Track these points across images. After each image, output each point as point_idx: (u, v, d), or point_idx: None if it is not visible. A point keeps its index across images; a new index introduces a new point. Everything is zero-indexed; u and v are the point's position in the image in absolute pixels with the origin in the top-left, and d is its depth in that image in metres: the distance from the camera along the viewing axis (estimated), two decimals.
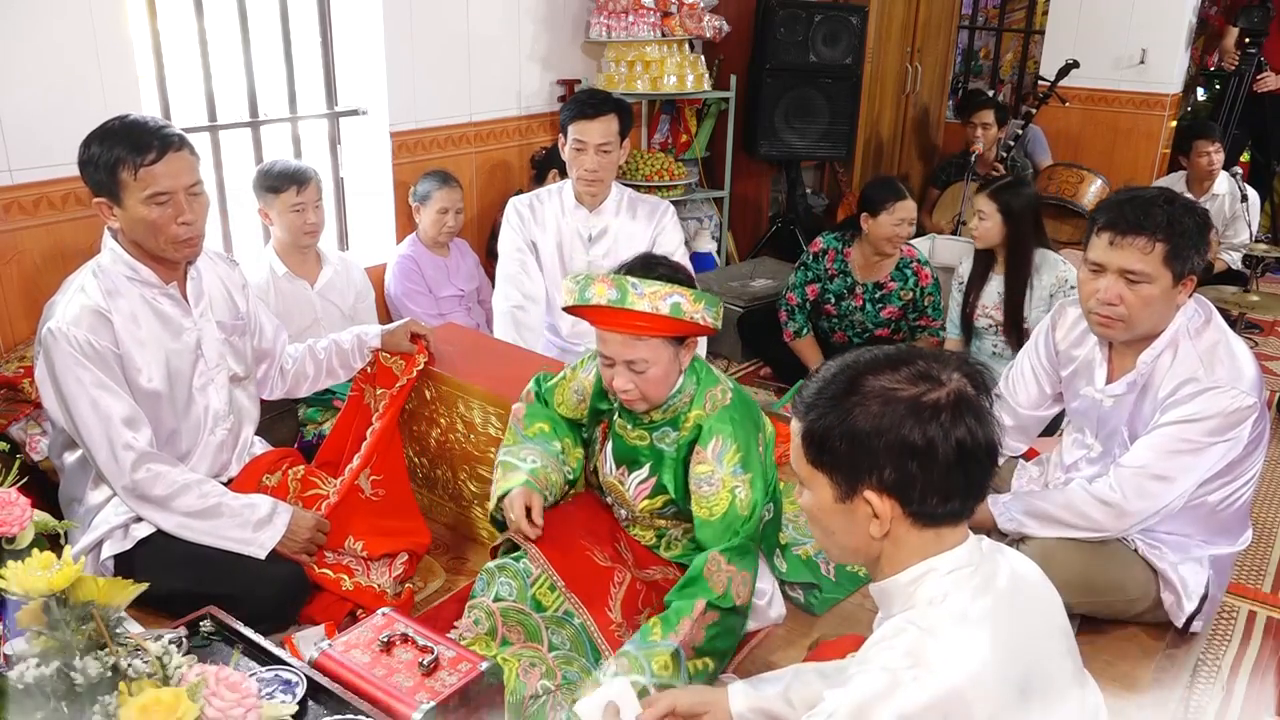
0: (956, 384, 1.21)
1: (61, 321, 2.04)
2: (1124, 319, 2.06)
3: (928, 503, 1.21)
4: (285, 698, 1.56)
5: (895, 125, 5.55)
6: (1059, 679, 1.27)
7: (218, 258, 2.41)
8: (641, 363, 1.91)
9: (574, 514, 2.18)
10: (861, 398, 1.21)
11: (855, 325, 3.63)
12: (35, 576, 1.20)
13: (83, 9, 2.74)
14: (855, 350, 1.30)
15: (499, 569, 2.04)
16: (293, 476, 2.37)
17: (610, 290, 1.87)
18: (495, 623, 1.94)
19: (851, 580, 2.51)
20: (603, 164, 3.02)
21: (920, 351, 1.27)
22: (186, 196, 2.08)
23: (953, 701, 1.15)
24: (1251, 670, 2.31)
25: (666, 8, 4.33)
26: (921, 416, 1.18)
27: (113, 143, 2.02)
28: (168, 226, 2.07)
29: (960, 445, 1.18)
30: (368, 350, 2.60)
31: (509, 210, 3.19)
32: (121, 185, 2.03)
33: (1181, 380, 2.04)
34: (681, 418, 2.05)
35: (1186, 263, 2.00)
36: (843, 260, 3.61)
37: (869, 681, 1.19)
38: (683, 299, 1.86)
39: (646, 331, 1.89)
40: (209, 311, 2.28)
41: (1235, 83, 5.32)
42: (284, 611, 2.19)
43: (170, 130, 2.08)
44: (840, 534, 1.29)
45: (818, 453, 1.25)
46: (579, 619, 2.00)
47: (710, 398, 2.05)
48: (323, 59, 3.63)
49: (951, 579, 1.23)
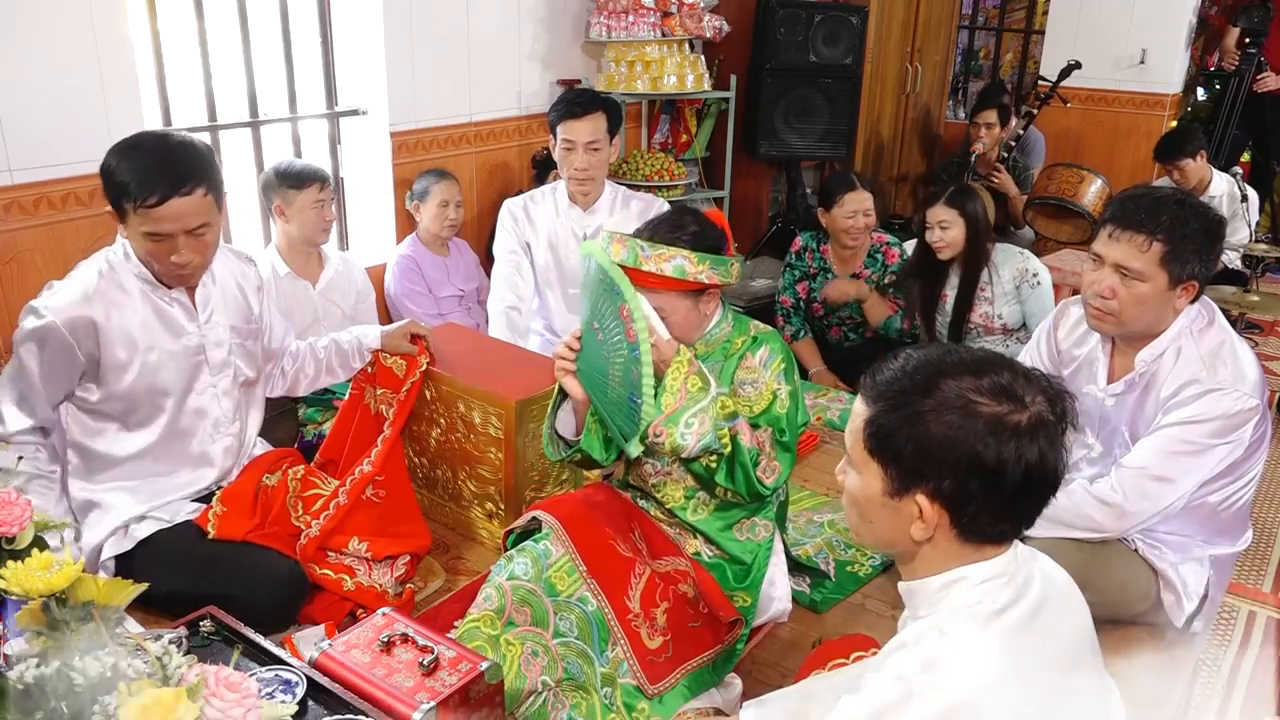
0: (1039, 407, 1.16)
1: (45, 302, 2.07)
2: (1115, 314, 2.06)
3: (979, 521, 1.18)
4: (285, 698, 1.56)
5: (895, 125, 5.55)
6: (1082, 690, 1.25)
7: (234, 255, 2.39)
8: (661, 310, 2.00)
9: (595, 502, 2.19)
10: (938, 402, 1.16)
11: (845, 320, 3.64)
12: (35, 576, 1.20)
13: (83, 9, 2.74)
14: (936, 345, 1.26)
15: (518, 551, 2.06)
16: (293, 476, 2.37)
17: (623, 251, 1.98)
18: (505, 601, 1.95)
19: (852, 580, 2.52)
20: (592, 162, 3.05)
21: (1007, 362, 1.21)
22: (187, 238, 2.05)
23: (964, 712, 1.12)
24: (1251, 670, 2.31)
25: (666, 8, 4.33)
26: (999, 437, 1.13)
27: (127, 170, 1.99)
28: (163, 260, 2.08)
29: (1029, 472, 1.14)
30: (367, 351, 2.60)
31: (503, 213, 3.22)
32: (124, 212, 2.04)
33: (1184, 381, 2.03)
34: (729, 343, 2.14)
35: (1186, 266, 1.98)
36: (821, 256, 3.65)
37: (883, 691, 1.17)
38: (685, 261, 1.95)
39: (660, 286, 1.98)
40: (218, 317, 2.28)
41: (1235, 83, 5.32)
42: (284, 611, 2.19)
43: (187, 169, 2.01)
44: (879, 525, 1.26)
45: (879, 445, 1.20)
46: (594, 605, 2.01)
47: (753, 326, 2.17)
48: (323, 59, 3.63)
49: (983, 589, 1.20)
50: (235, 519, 2.21)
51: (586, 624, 1.99)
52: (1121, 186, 5.12)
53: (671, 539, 2.22)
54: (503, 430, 2.50)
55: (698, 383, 1.93)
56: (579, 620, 1.99)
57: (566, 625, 1.98)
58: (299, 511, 2.33)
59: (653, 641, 2.01)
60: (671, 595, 2.09)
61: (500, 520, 2.59)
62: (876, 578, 2.55)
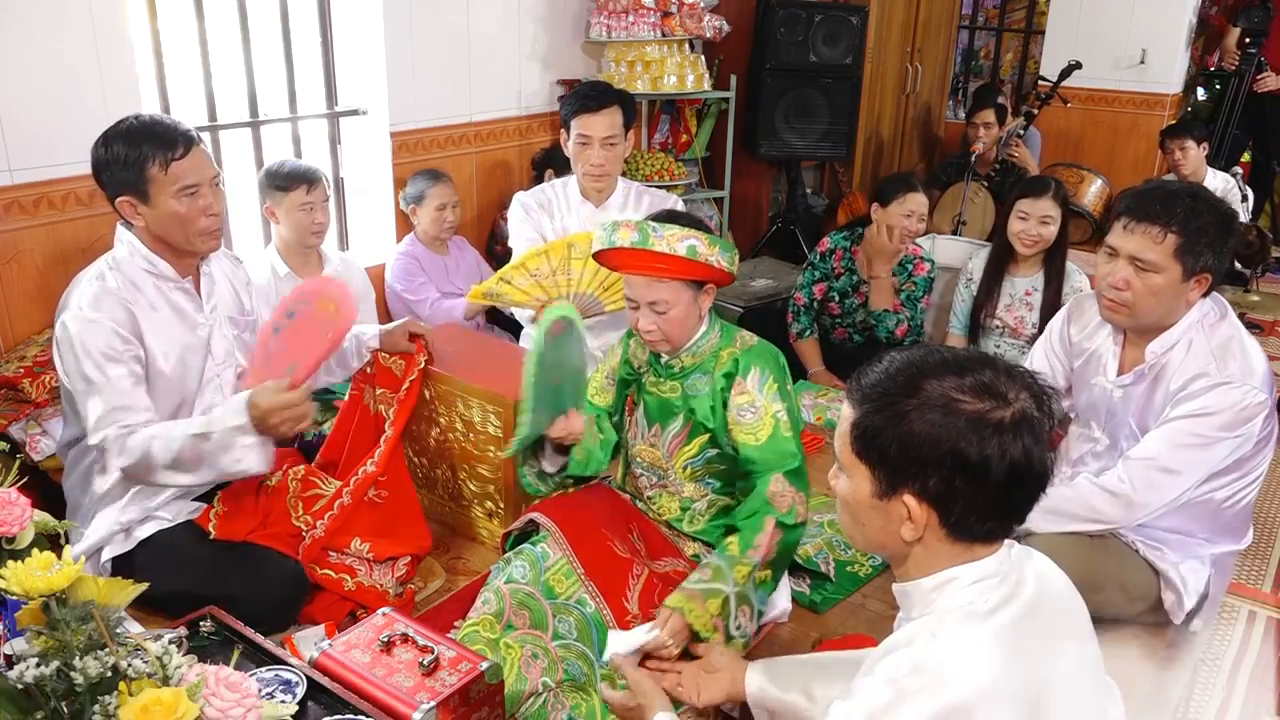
0: (1022, 404, 1.17)
1: (78, 309, 2.04)
2: (1129, 305, 2.07)
3: (966, 519, 1.19)
4: (285, 698, 1.56)
5: (895, 125, 5.55)
6: (1079, 690, 1.24)
7: (223, 255, 2.42)
8: (663, 303, 2.02)
9: (593, 503, 2.20)
10: (921, 401, 1.17)
11: (856, 324, 3.63)
12: (35, 576, 1.20)
13: (83, 9, 2.74)
14: (920, 346, 1.27)
15: (515, 555, 2.07)
16: (293, 476, 2.37)
17: (633, 233, 1.99)
18: (504, 604, 1.95)
19: (852, 580, 2.52)
20: (609, 157, 2.99)
21: (991, 361, 1.22)
22: (211, 188, 2.12)
23: (957, 715, 1.12)
24: (1251, 670, 2.31)
25: (666, 8, 4.33)
26: (981, 434, 1.14)
27: (138, 140, 2.04)
28: (197, 219, 2.11)
29: (1013, 468, 1.15)
30: (366, 351, 2.60)
31: (515, 205, 3.15)
32: (150, 181, 2.05)
33: (1193, 375, 2.04)
34: (713, 358, 2.13)
35: (1199, 258, 2.00)
36: (850, 259, 3.62)
37: (874, 695, 1.17)
38: (698, 242, 1.98)
39: (666, 274, 2.00)
40: (220, 309, 2.29)
41: (1235, 83, 5.32)
42: (284, 611, 2.19)
43: (187, 126, 2.13)
44: (870, 528, 1.27)
45: (865, 446, 1.22)
46: (591, 607, 2.01)
47: (739, 338, 2.16)
48: (323, 59, 3.63)
49: (975, 589, 1.20)
50: (236, 519, 2.21)
51: (585, 626, 1.99)
52: (1122, 186, 5.13)
53: (670, 540, 2.22)
54: (502, 429, 2.50)
55: (714, 599, 1.87)
56: (578, 622, 1.99)
57: (565, 627, 1.98)
58: (299, 512, 2.33)
59: None
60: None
61: (500, 520, 2.59)
62: (876, 578, 2.55)
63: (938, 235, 4.29)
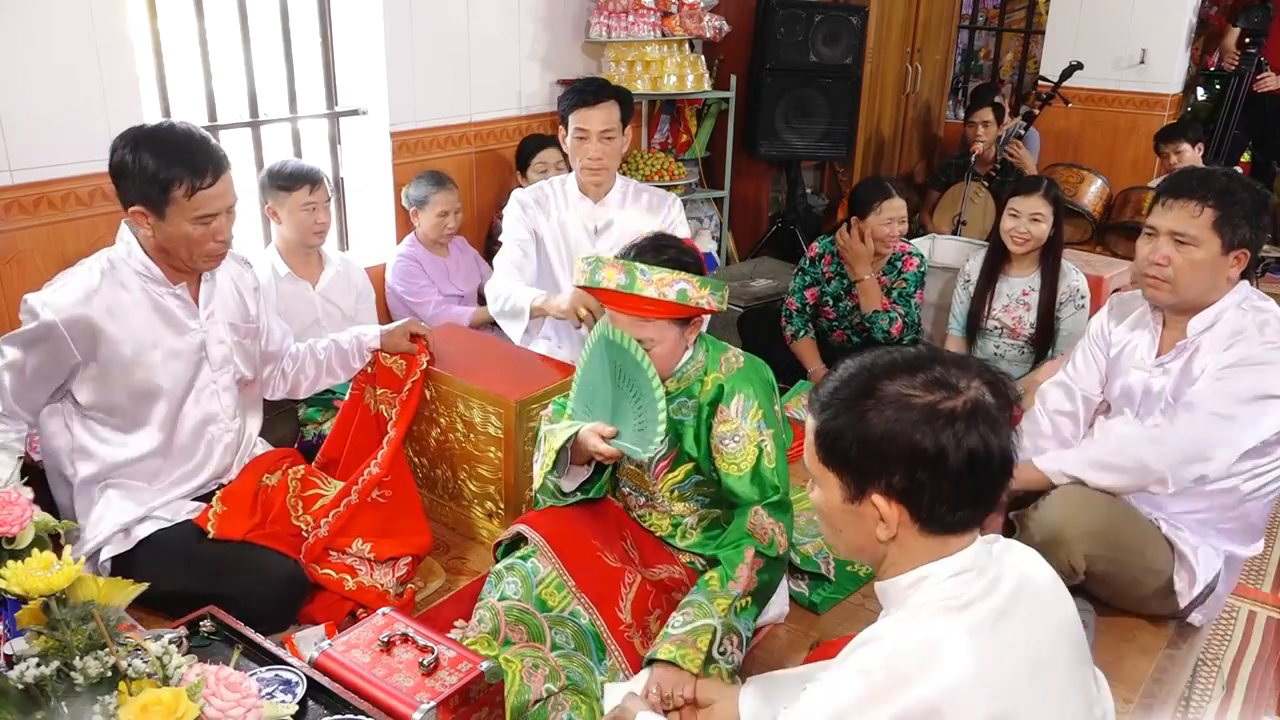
0: (974, 392, 1.19)
1: (45, 299, 2.05)
2: (1170, 280, 2.12)
3: (936, 511, 1.20)
4: (285, 698, 1.57)
5: (895, 125, 5.55)
6: (1062, 688, 1.24)
7: (232, 258, 2.40)
8: (649, 341, 1.97)
9: (583, 514, 2.18)
10: (876, 401, 1.20)
11: (854, 325, 3.63)
12: (35, 576, 1.20)
13: (83, 9, 2.74)
14: (874, 350, 1.29)
15: (507, 569, 2.04)
16: (293, 476, 2.37)
17: (619, 275, 1.92)
18: (499, 622, 1.94)
19: (852, 580, 2.52)
20: (607, 151, 2.98)
21: (941, 355, 1.25)
22: (227, 215, 2.12)
23: (926, 714, 1.12)
24: (1251, 670, 2.32)
25: (666, 8, 4.33)
26: (934, 425, 1.16)
27: (170, 159, 2.02)
28: (205, 243, 2.11)
29: (972, 455, 1.16)
30: (367, 351, 2.60)
31: (511, 202, 3.13)
32: (171, 202, 2.04)
33: (1234, 331, 2.10)
34: (698, 383, 2.08)
35: (1237, 231, 2.07)
36: (839, 263, 3.60)
37: (843, 687, 1.18)
38: (689, 286, 1.91)
39: (653, 314, 1.94)
40: (218, 314, 2.28)
41: (1235, 83, 5.32)
42: (284, 611, 2.19)
43: (220, 149, 2.11)
44: (847, 533, 1.29)
45: (828, 453, 1.24)
46: (586, 619, 2.00)
47: (725, 360, 2.10)
48: (323, 59, 3.63)
49: (951, 584, 1.21)
50: (235, 519, 2.21)
51: (582, 637, 1.99)
52: (1122, 186, 5.16)
53: (664, 547, 2.22)
54: (502, 429, 2.50)
55: (704, 636, 1.85)
56: (574, 634, 1.98)
57: (563, 639, 1.97)
58: (299, 511, 2.33)
59: (647, 651, 2.00)
60: (664, 603, 2.08)
61: (500, 520, 2.59)
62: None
63: (938, 235, 4.30)
